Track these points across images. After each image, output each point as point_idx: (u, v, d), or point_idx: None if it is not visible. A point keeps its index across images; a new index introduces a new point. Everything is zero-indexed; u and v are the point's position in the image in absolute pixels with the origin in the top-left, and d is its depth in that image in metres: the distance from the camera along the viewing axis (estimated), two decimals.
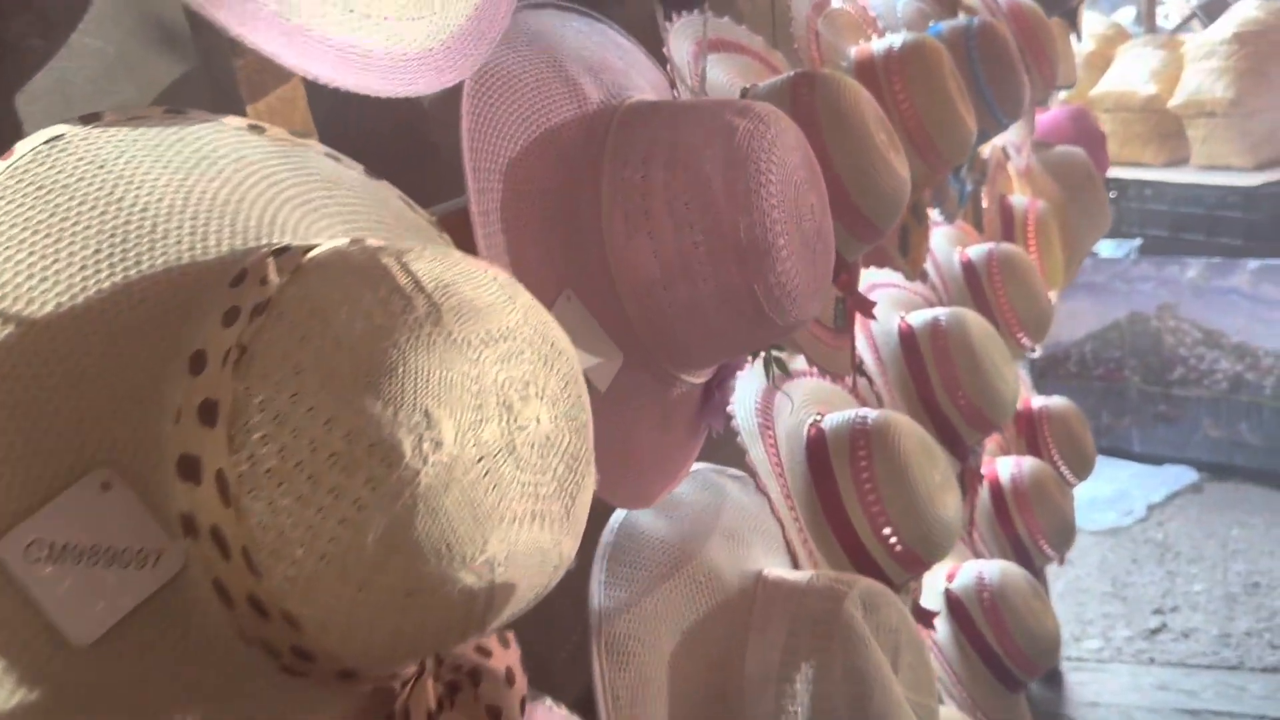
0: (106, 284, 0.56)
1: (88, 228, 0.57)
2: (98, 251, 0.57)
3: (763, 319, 0.92)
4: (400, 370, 0.52)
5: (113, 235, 0.58)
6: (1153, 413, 3.73)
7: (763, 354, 1.21)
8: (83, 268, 0.56)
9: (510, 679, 0.68)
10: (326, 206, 0.70)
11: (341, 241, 0.60)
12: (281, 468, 0.52)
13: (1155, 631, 2.82)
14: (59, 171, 0.57)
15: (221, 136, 0.66)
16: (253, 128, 0.69)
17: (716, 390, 1.04)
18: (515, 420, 0.56)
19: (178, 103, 0.80)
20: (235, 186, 0.64)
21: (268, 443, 0.52)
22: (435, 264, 0.57)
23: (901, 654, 1.09)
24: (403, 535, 0.52)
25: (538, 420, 0.57)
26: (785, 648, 1.05)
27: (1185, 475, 3.60)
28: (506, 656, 0.68)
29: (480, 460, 0.53)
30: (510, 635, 0.69)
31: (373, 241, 0.60)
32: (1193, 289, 3.62)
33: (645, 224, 0.89)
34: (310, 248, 0.59)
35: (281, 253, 0.59)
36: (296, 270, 0.57)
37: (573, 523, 0.59)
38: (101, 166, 0.59)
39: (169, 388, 0.56)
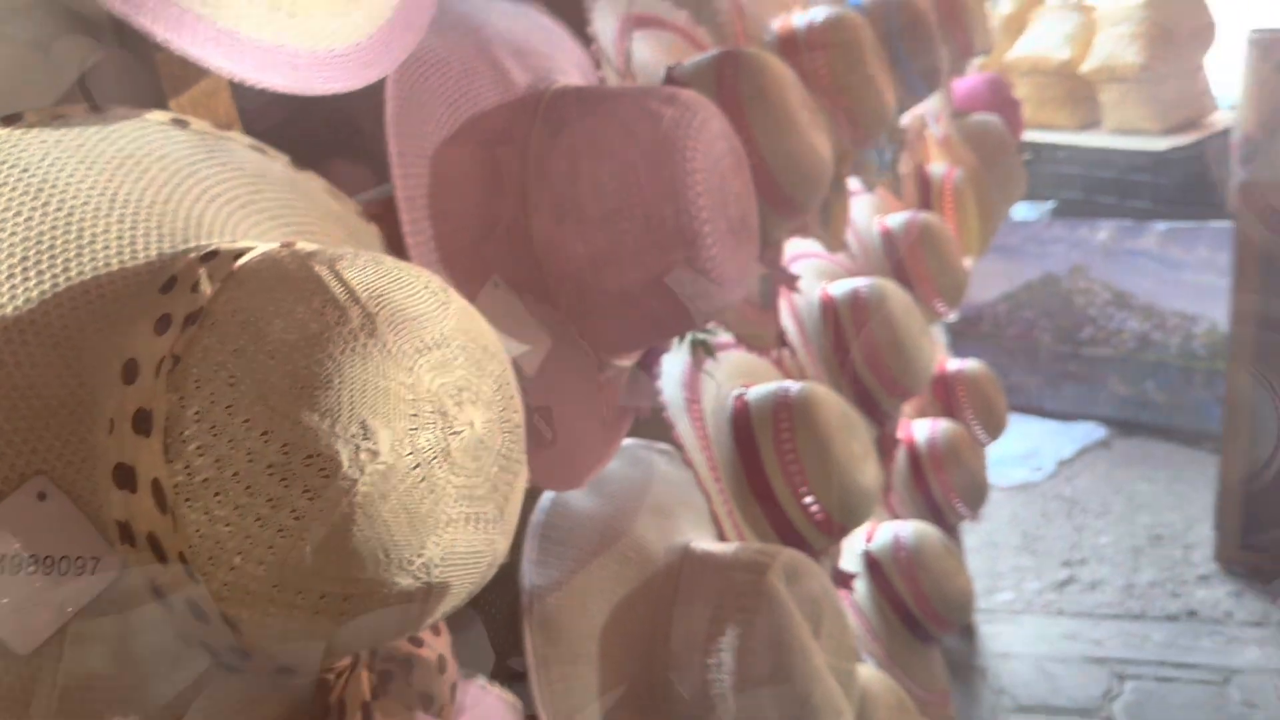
0: (35, 292, 0.56)
1: (13, 234, 0.57)
2: (24, 259, 0.57)
3: (691, 305, 0.94)
4: (336, 382, 0.53)
5: (39, 241, 0.57)
6: (1063, 371, 3.81)
7: (689, 335, 1.24)
8: (9, 275, 0.56)
9: (442, 666, 0.70)
10: (254, 203, 0.70)
11: (272, 246, 0.61)
12: (219, 477, 0.53)
13: (1064, 583, 2.92)
14: None
15: (145, 134, 0.66)
16: (176, 122, 0.69)
17: (644, 373, 1.06)
18: (450, 426, 0.57)
19: (96, 95, 0.79)
20: (160, 187, 0.64)
21: (204, 453, 0.53)
22: (368, 271, 0.58)
23: (823, 622, 1.13)
24: (340, 543, 0.53)
25: (472, 425, 0.58)
26: (711, 619, 1.08)
27: (1094, 432, 3.69)
28: (438, 644, 0.70)
29: (416, 467, 0.55)
30: (441, 623, 0.71)
31: (303, 246, 0.61)
32: (1103, 251, 3.70)
33: (573, 212, 0.90)
34: (240, 252, 0.60)
35: (210, 257, 0.60)
36: (228, 278, 0.57)
37: (505, 521, 0.61)
38: (25, 170, 0.58)
39: (101, 396, 0.56)
